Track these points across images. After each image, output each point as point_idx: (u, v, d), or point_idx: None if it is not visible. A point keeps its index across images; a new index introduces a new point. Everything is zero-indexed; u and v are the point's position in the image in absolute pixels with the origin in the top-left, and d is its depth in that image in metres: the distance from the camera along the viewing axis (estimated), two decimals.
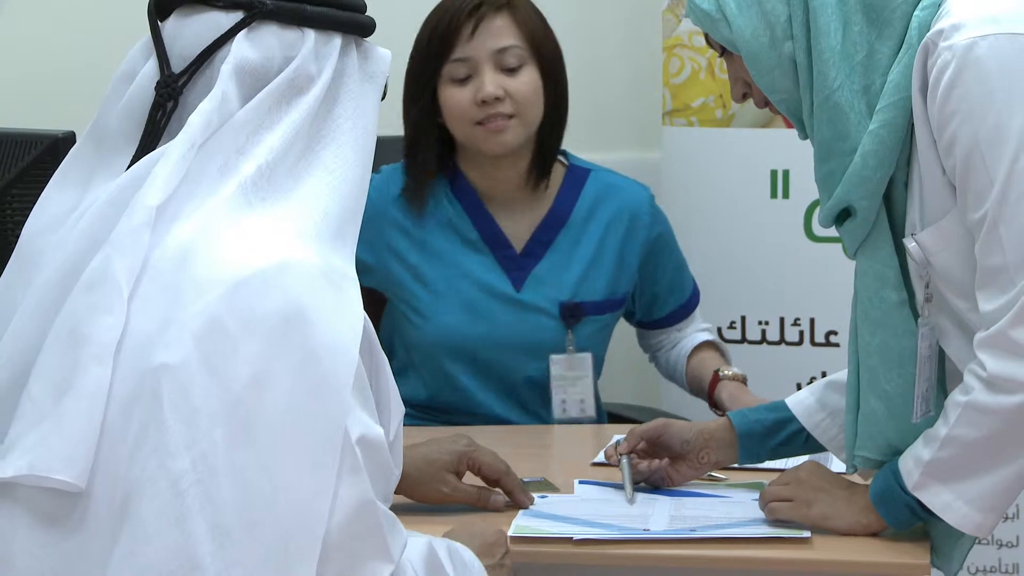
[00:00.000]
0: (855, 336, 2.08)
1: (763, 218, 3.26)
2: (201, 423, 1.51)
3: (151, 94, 1.64)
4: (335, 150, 1.66)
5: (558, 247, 2.83)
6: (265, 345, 1.54)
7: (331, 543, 1.56)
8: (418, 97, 2.76)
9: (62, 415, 1.51)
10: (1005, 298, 1.85)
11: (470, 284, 2.81)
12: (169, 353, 1.52)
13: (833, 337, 3.20)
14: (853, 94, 1.96)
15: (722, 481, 2.34)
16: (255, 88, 1.63)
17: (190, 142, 1.59)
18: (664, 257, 2.92)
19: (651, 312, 2.95)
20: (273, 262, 1.56)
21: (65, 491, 1.51)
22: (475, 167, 2.82)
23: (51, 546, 1.52)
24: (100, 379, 1.52)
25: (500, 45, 2.73)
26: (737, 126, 3.29)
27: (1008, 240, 1.84)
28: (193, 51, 1.65)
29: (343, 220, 1.64)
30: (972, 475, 1.92)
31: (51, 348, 1.55)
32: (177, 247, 1.56)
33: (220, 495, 1.50)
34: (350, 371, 1.56)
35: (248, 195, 1.59)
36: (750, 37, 2.00)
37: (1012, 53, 1.83)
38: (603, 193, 2.87)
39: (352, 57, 1.70)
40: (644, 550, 2.05)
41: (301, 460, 1.54)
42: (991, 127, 1.83)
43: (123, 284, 1.54)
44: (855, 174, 1.96)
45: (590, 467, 2.44)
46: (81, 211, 1.62)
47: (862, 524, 2.04)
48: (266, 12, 1.64)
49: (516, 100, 2.73)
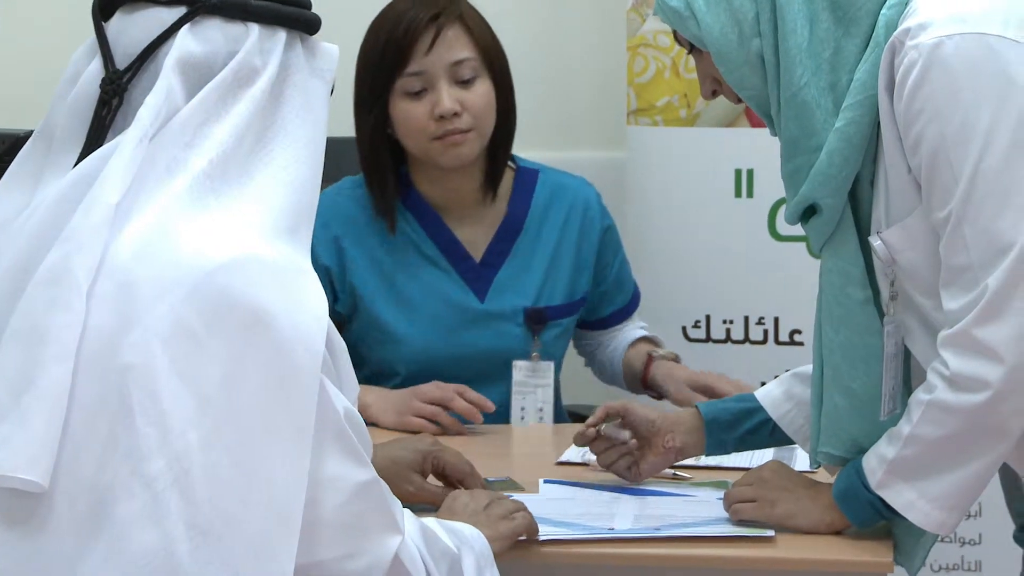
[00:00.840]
0: (819, 333, 2.09)
1: (727, 217, 3.26)
2: (173, 426, 1.52)
3: (96, 92, 1.65)
4: (286, 145, 1.66)
5: (517, 253, 2.81)
6: (232, 344, 1.55)
7: (338, 523, 1.61)
8: (370, 110, 2.72)
9: (24, 414, 1.52)
10: (969, 297, 1.85)
11: (435, 300, 2.78)
12: (135, 354, 1.53)
13: (797, 336, 3.22)
14: (820, 91, 1.96)
15: (687, 480, 2.34)
16: (200, 82, 1.64)
17: (139, 137, 1.59)
18: (611, 254, 2.90)
19: (596, 310, 2.92)
20: (232, 258, 1.57)
21: (26, 492, 1.51)
22: (428, 180, 2.78)
23: (10, 545, 1.52)
24: (61, 378, 1.52)
25: (456, 58, 2.69)
26: (702, 125, 3.30)
27: (972, 239, 1.84)
28: (137, 48, 1.65)
29: (297, 214, 1.65)
30: (935, 473, 1.92)
31: (9, 345, 1.55)
32: (133, 244, 1.56)
33: (196, 495, 1.52)
34: (317, 361, 1.58)
35: (202, 190, 1.60)
36: (718, 34, 2.00)
37: (978, 52, 1.83)
38: (554, 193, 2.85)
39: (298, 52, 1.71)
40: (609, 549, 2.06)
41: (274, 453, 1.55)
42: (957, 126, 1.84)
43: (82, 281, 1.54)
44: (820, 172, 1.97)
45: (555, 466, 2.44)
46: (32, 209, 1.63)
47: (825, 522, 2.05)
48: (209, 7, 1.66)
49: (473, 114, 2.69)
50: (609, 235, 2.89)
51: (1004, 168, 1.83)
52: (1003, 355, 1.83)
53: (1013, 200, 1.83)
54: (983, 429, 1.88)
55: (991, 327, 1.84)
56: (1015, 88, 1.82)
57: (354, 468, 1.64)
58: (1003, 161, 1.83)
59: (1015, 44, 1.83)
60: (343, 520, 1.63)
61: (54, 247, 1.56)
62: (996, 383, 1.84)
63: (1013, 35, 1.84)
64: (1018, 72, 1.82)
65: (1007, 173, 1.83)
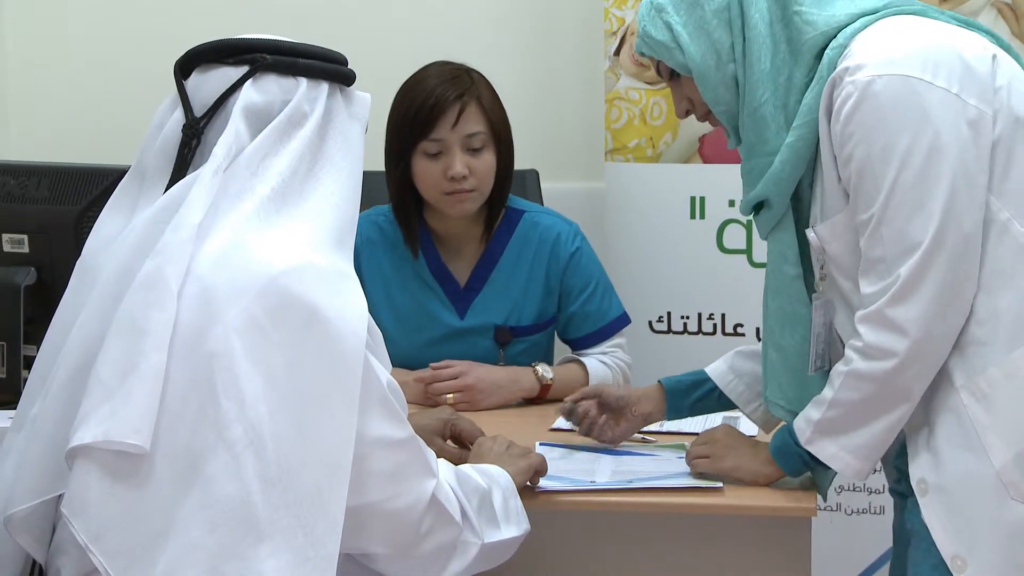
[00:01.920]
0: (764, 302, 2.10)
1: (684, 234, 3.26)
2: (248, 400, 1.53)
3: (179, 135, 1.66)
4: (332, 173, 1.67)
5: (494, 280, 2.75)
6: (292, 335, 1.56)
7: (383, 472, 1.63)
8: (398, 163, 2.67)
9: (128, 392, 1.52)
10: (883, 283, 1.85)
11: (422, 314, 2.73)
12: (217, 344, 1.54)
13: (740, 328, 3.20)
14: (775, 108, 1.97)
15: (653, 443, 2.34)
16: (261, 125, 1.65)
17: (215, 169, 1.61)
18: (577, 278, 2.74)
19: (567, 331, 2.78)
20: (292, 265, 1.58)
21: (131, 453, 1.52)
22: (436, 218, 2.73)
23: (117, 496, 1.53)
24: (158, 363, 1.53)
25: (470, 131, 2.64)
26: (664, 162, 3.29)
27: (888, 237, 1.85)
28: (210, 99, 1.67)
29: (342, 230, 1.66)
30: (853, 430, 1.92)
31: (115, 337, 1.55)
32: (212, 255, 1.58)
33: (266, 454, 1.53)
34: (360, 348, 1.59)
35: (266, 212, 1.61)
36: (700, 60, 2.01)
37: (902, 91, 1.84)
38: (530, 230, 2.76)
39: (338, 99, 1.72)
40: (591, 498, 2.06)
41: (326, 421, 1.56)
42: (881, 147, 1.84)
43: (173, 285, 1.55)
44: (773, 175, 1.98)
45: (547, 432, 2.44)
46: (129, 230, 1.64)
47: (764, 474, 2.05)
48: (266, 65, 1.67)
49: (478, 177, 2.64)
50: (574, 260, 2.74)
51: (916, 183, 1.83)
52: (909, 330, 1.84)
53: (922, 209, 1.83)
54: (891, 392, 1.88)
55: (900, 308, 1.84)
56: (928, 121, 1.82)
57: (395, 428, 1.65)
58: (916, 177, 1.83)
59: (930, 85, 1.83)
60: (387, 469, 1.64)
61: (149, 259, 1.57)
62: (902, 352, 1.84)
63: (929, 78, 1.83)
64: (931, 108, 1.82)
65: (919, 187, 1.83)
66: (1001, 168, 1.85)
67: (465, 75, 2.68)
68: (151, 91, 2.37)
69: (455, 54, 2.76)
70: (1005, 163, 1.85)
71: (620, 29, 3.30)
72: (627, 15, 3.28)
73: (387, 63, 2.90)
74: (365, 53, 2.74)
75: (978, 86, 1.85)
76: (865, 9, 1.95)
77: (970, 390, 1.85)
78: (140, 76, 3.60)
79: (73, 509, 1.53)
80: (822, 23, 1.94)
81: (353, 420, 1.57)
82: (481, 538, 1.78)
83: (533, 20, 3.69)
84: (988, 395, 1.84)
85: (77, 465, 1.54)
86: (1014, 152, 1.85)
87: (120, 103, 3.71)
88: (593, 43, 3.54)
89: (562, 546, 2.14)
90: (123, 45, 3.75)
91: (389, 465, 1.65)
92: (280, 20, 3.59)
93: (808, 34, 1.94)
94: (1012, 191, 1.85)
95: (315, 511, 1.54)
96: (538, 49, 3.56)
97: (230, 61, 1.68)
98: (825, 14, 1.95)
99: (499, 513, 1.84)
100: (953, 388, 1.86)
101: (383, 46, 3.61)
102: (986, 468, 1.82)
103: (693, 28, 2.01)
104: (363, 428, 1.59)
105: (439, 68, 2.69)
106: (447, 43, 3.23)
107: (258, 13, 3.66)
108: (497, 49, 2.76)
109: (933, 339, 1.84)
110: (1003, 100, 1.86)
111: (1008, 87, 1.87)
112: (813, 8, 1.96)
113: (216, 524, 1.51)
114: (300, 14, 3.67)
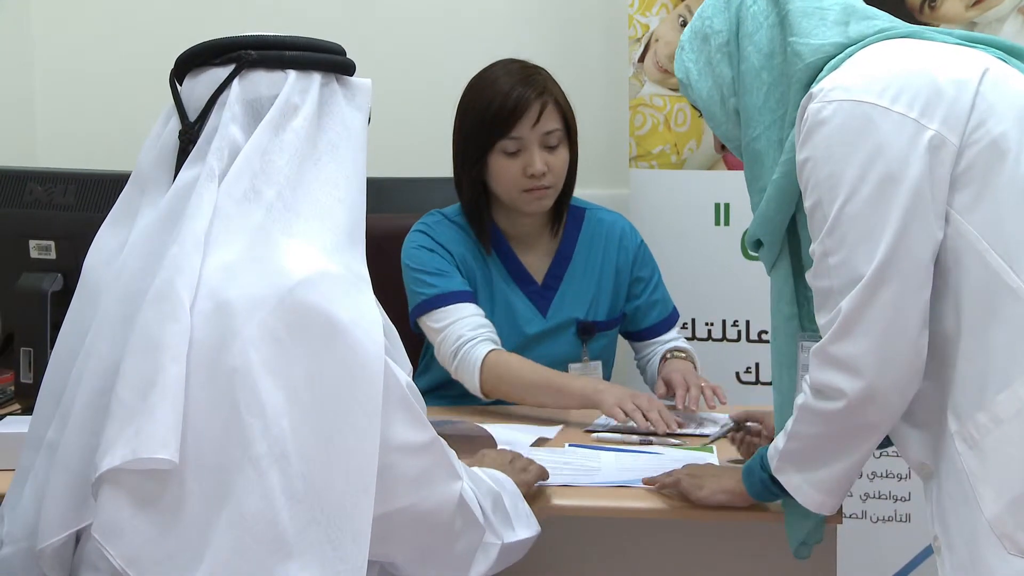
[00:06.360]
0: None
1: (709, 240, 3.26)
2: (270, 416, 1.52)
3: (176, 142, 1.66)
4: (335, 163, 1.65)
5: (569, 278, 2.76)
6: (311, 347, 1.55)
7: (409, 477, 1.63)
8: (473, 163, 2.67)
9: (151, 409, 1.51)
10: (828, 317, 1.75)
11: (507, 315, 2.72)
12: (237, 360, 1.53)
13: (764, 335, 3.20)
14: (770, 143, 1.91)
15: (680, 445, 2.35)
16: (254, 123, 1.64)
17: (211, 174, 1.59)
18: (645, 268, 2.81)
19: (635, 322, 2.81)
20: (307, 276, 1.56)
21: (159, 475, 1.51)
22: (505, 216, 2.74)
23: (150, 518, 1.52)
24: (178, 375, 1.52)
25: (548, 129, 2.65)
26: (688, 168, 3.29)
27: (835, 268, 1.74)
28: (202, 102, 1.66)
29: (352, 227, 1.64)
30: (816, 463, 1.84)
31: (132, 356, 1.54)
32: (223, 267, 1.56)
33: (291, 470, 1.52)
34: (380, 357, 1.57)
35: (273, 215, 1.59)
36: (706, 97, 1.98)
37: (852, 117, 1.74)
38: (597, 226, 2.80)
39: (333, 89, 1.70)
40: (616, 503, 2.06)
41: (349, 433, 1.55)
42: (827, 176, 1.74)
43: (184, 298, 1.54)
44: (761, 214, 1.92)
45: (582, 433, 2.45)
46: (132, 244, 1.63)
47: (736, 494, 2.00)
48: (252, 61, 1.66)
49: (555, 174, 2.67)
50: (641, 251, 2.81)
51: (864, 212, 1.71)
52: (861, 369, 1.72)
53: (869, 239, 1.70)
54: (849, 430, 1.78)
55: (842, 343, 1.72)
56: (879, 149, 1.72)
57: (418, 432, 1.64)
58: (864, 206, 1.71)
59: (886, 111, 1.72)
60: (413, 475, 1.64)
61: (158, 273, 1.56)
62: (851, 393, 1.73)
63: (886, 103, 1.72)
64: (884, 135, 1.71)
65: (866, 216, 1.71)
66: (973, 194, 1.71)
67: (537, 74, 2.69)
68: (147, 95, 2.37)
69: (480, 60, 2.76)
70: (979, 188, 1.71)
71: (644, 36, 3.30)
72: (651, 22, 3.28)
73: (417, 67, 2.90)
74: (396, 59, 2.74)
75: (944, 110, 1.72)
76: (853, 37, 1.85)
77: (963, 436, 1.71)
78: (167, 83, 3.61)
79: (106, 534, 1.51)
80: (809, 54, 1.85)
81: (376, 430, 1.56)
82: (501, 538, 1.79)
83: (558, 27, 3.70)
84: (979, 442, 1.69)
85: (105, 490, 1.53)
86: (989, 177, 1.71)
87: (147, 110, 3.71)
88: (617, 50, 3.54)
89: (586, 551, 2.14)
90: (150, 51, 3.75)
91: (414, 471, 1.64)
92: (313, 24, 3.60)
93: (796, 66, 1.86)
94: (986, 220, 1.71)
95: (342, 523, 1.53)
96: (562, 55, 3.56)
97: (217, 61, 1.67)
98: (814, 43, 1.85)
99: (511, 514, 1.84)
100: (948, 435, 1.73)
101: (413, 52, 3.62)
102: (981, 522, 1.68)
103: (703, 65, 1.98)
104: (386, 435, 1.58)
105: (507, 67, 2.70)
106: (472, 49, 3.23)
107: (288, 21, 3.68)
108: (521, 55, 2.75)
109: (886, 377, 1.72)
110: (979, 122, 1.72)
111: (990, 108, 1.73)
112: (804, 38, 1.86)
113: (246, 543, 1.50)
114: (329, 16, 3.68)
